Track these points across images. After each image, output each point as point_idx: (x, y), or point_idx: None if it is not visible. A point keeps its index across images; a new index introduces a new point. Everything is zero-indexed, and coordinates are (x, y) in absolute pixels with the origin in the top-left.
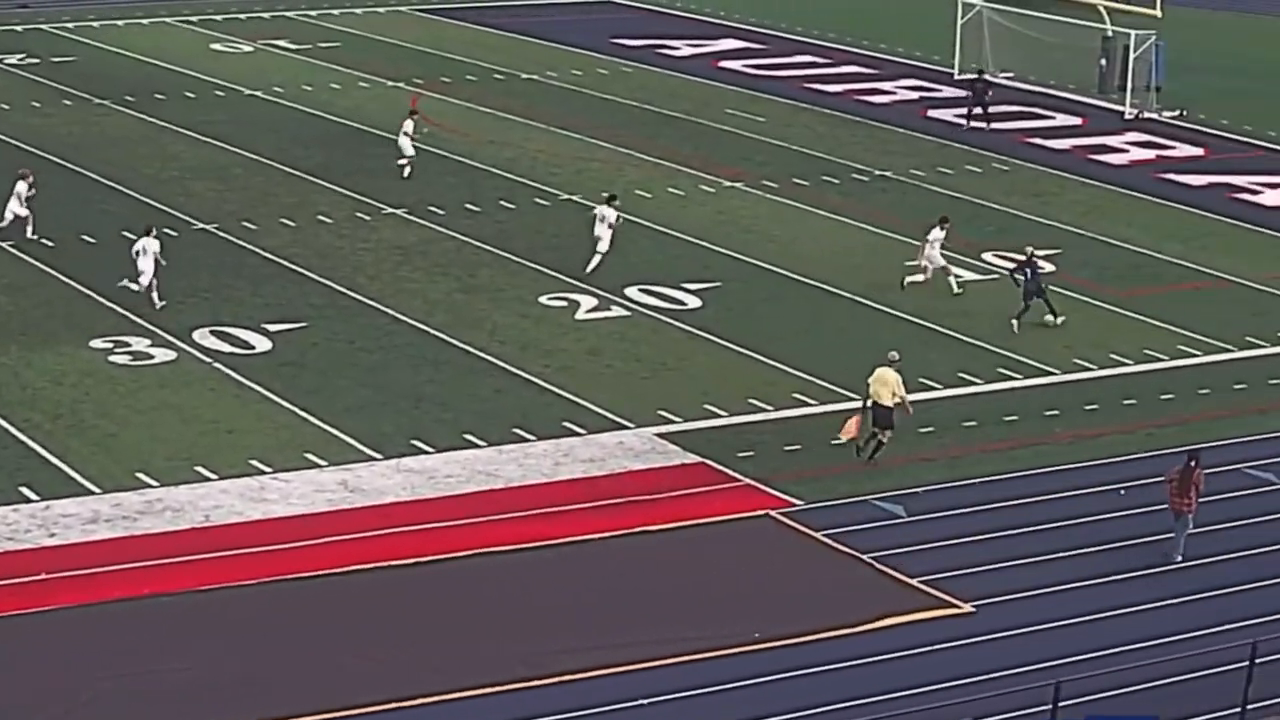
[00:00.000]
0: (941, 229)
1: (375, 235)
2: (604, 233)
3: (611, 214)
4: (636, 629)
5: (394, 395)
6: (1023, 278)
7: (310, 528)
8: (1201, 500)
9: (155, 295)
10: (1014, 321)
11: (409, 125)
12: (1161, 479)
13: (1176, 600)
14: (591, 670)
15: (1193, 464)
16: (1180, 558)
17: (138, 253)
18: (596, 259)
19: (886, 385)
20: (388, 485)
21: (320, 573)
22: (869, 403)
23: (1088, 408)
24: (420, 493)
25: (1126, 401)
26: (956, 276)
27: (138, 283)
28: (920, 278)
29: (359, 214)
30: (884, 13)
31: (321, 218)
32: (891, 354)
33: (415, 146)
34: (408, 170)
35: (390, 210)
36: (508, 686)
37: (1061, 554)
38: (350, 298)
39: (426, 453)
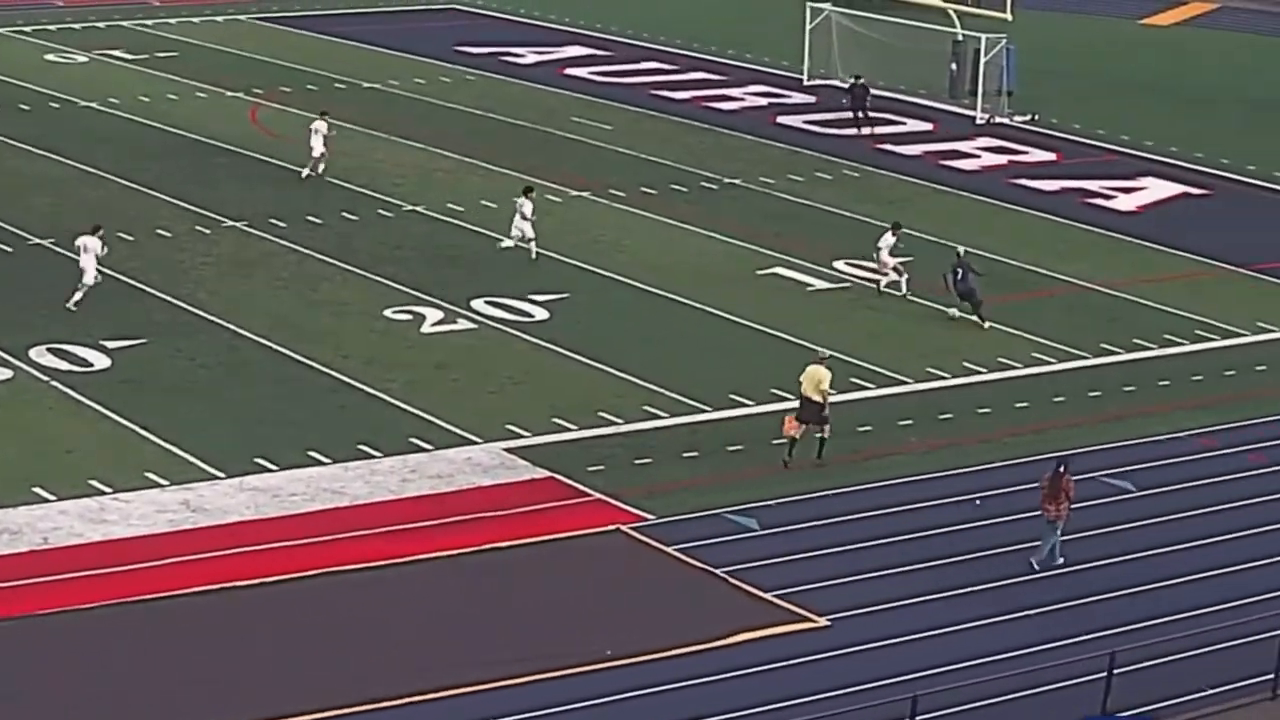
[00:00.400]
0: (894, 235)
1: (216, 249)
2: (524, 225)
3: (528, 205)
4: (488, 647)
5: (237, 412)
6: (953, 277)
7: (152, 549)
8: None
9: (77, 295)
10: (977, 320)
11: (322, 125)
12: (1016, 487)
13: (1035, 611)
14: (443, 690)
15: (1062, 470)
16: (1037, 565)
17: (79, 249)
18: (522, 245)
19: (814, 382)
20: (231, 504)
21: (163, 594)
22: (801, 400)
23: (942, 417)
24: (265, 511)
25: (981, 410)
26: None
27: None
28: (892, 276)
29: (199, 227)
30: (731, 18)
31: (161, 231)
32: (821, 351)
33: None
34: (321, 168)
35: (231, 223)
36: (360, 707)
37: (918, 565)
38: (191, 313)
39: (270, 471)
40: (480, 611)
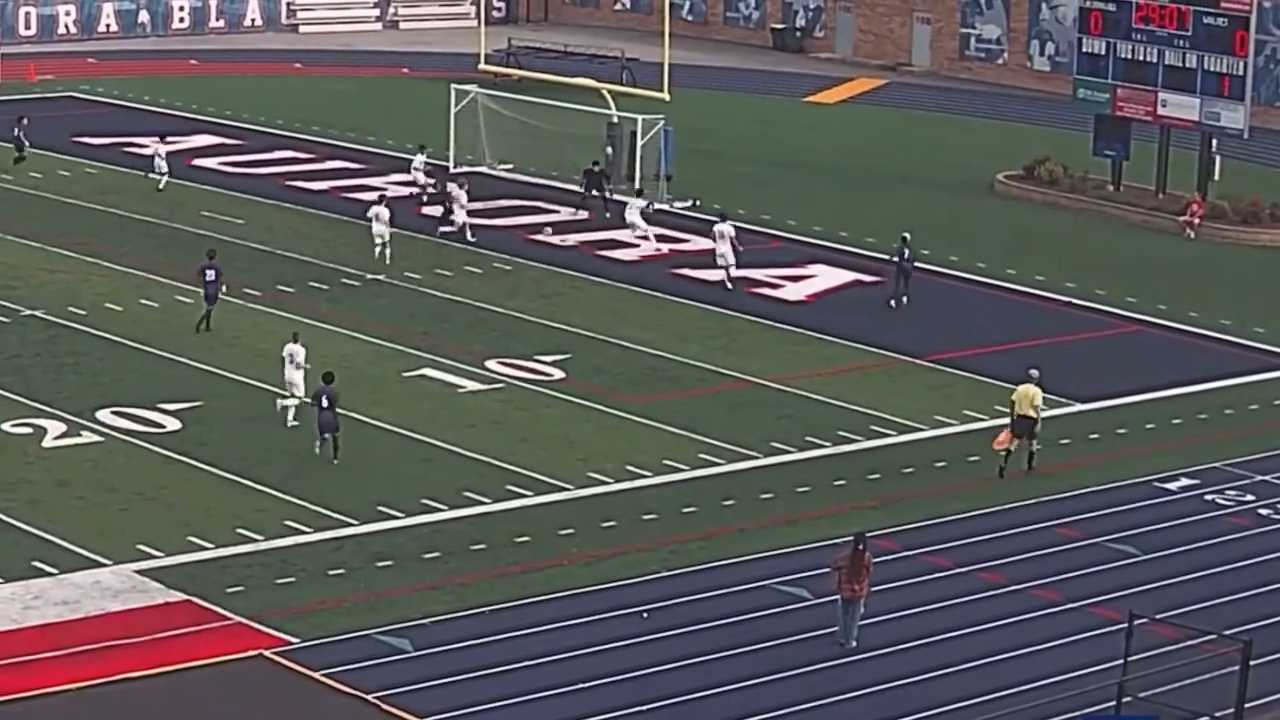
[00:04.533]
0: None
1: None
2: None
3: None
4: None
5: None
6: (898, 259)
7: None
8: (720, 622)
9: None
10: (894, 302)
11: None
12: (686, 598)
13: None
14: None
15: (861, 548)
16: (854, 644)
17: None
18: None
19: (1028, 399)
20: None
21: None
22: (1014, 416)
23: (605, 525)
24: None
25: (646, 517)
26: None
27: None
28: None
29: None
30: (370, 104)
31: None
32: (1032, 371)
33: None
34: None
35: None
36: None
37: (582, 685)
38: None
39: None
40: None
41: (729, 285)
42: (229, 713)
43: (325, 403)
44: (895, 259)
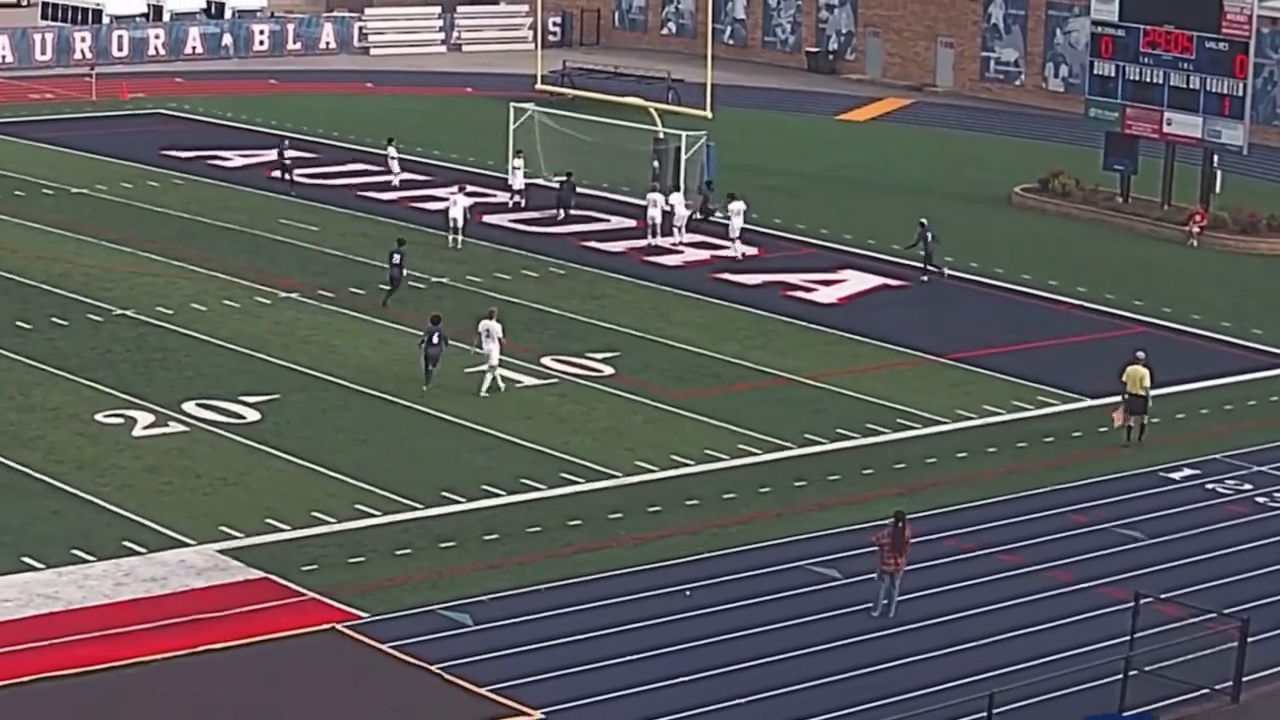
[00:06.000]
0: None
1: None
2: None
3: None
4: None
5: None
6: (921, 242)
7: None
8: (757, 600)
9: None
10: (938, 270)
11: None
12: (726, 577)
13: (752, 698)
14: None
15: (901, 525)
16: (891, 615)
17: None
18: None
19: (1138, 379)
20: None
21: None
22: (1126, 395)
23: (651, 510)
24: None
25: (689, 502)
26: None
27: None
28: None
29: None
30: (436, 120)
31: None
32: (1139, 353)
33: None
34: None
35: None
36: None
37: (630, 657)
38: None
39: None
40: (197, 713)
41: (740, 257)
42: (304, 682)
43: (436, 339)
44: (918, 239)
